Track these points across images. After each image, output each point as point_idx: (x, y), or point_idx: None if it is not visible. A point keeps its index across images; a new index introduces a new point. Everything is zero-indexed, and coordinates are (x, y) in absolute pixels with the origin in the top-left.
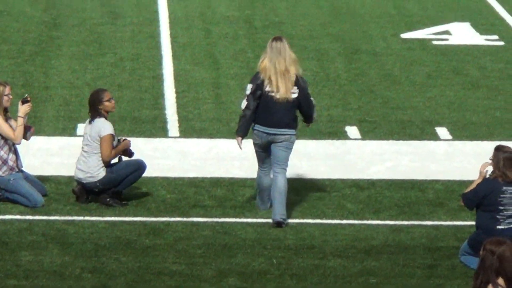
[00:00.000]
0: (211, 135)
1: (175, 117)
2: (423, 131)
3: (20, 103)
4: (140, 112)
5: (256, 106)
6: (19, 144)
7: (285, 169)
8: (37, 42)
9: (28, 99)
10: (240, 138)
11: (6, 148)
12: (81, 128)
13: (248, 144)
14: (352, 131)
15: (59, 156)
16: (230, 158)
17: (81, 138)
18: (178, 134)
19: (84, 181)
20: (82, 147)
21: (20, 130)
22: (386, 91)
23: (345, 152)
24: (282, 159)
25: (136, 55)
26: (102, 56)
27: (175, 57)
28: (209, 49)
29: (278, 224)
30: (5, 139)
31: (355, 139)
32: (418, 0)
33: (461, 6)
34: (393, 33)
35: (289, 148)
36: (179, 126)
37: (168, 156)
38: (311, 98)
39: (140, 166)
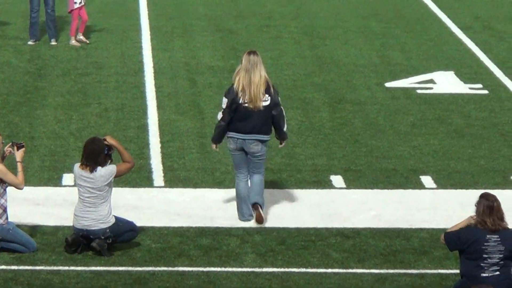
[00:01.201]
0: (196, 185)
1: (160, 167)
2: (408, 180)
3: (15, 148)
4: None
5: (230, 118)
6: (22, 189)
7: (262, 173)
8: (22, 93)
9: (23, 144)
10: (214, 145)
11: (6, 196)
12: (66, 178)
13: (231, 193)
14: (337, 180)
15: (45, 206)
16: (216, 207)
17: (66, 188)
18: (163, 184)
19: (92, 228)
20: (83, 199)
21: (22, 176)
22: (370, 140)
23: (330, 201)
24: (258, 166)
25: (121, 105)
26: (87, 106)
27: (160, 107)
28: (194, 99)
29: (255, 206)
30: (5, 187)
31: (340, 188)
32: (402, 49)
33: (445, 55)
34: (377, 82)
35: (264, 155)
36: (164, 176)
37: (153, 206)
38: (281, 107)
39: (135, 228)
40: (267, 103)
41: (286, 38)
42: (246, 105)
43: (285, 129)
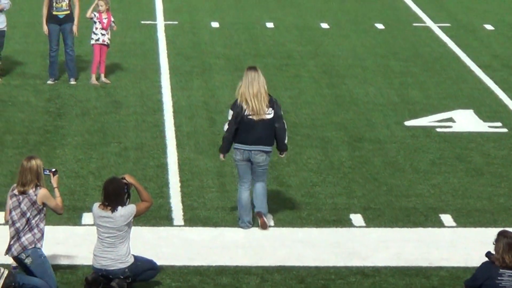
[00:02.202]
0: (215, 224)
1: (180, 206)
2: (427, 218)
3: (51, 174)
4: None
5: (236, 129)
6: (62, 214)
7: (264, 181)
8: (42, 132)
9: (57, 170)
10: (222, 155)
11: (44, 221)
12: (86, 217)
13: (250, 232)
14: (357, 218)
15: (64, 245)
16: (235, 246)
17: (86, 227)
18: (183, 223)
19: (111, 267)
20: (103, 239)
21: (61, 201)
22: (390, 178)
23: (350, 239)
24: (261, 174)
25: (140, 144)
26: (106, 146)
27: (179, 146)
28: (213, 138)
29: (259, 215)
30: (45, 212)
31: (360, 226)
32: (421, 88)
33: (464, 94)
34: (396, 121)
35: (267, 167)
36: (184, 215)
37: (173, 245)
38: (284, 121)
39: (155, 266)
40: (271, 116)
41: (305, 77)
42: (250, 117)
43: (285, 141)
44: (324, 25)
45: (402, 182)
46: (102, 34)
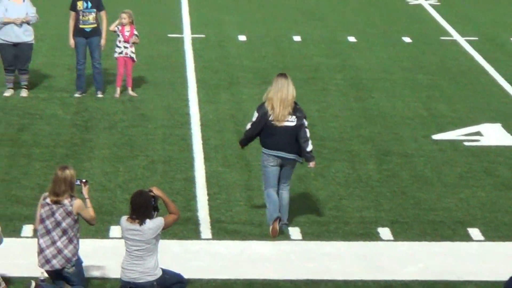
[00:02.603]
0: (243, 237)
1: (207, 219)
2: (455, 232)
3: (82, 185)
4: None
5: (258, 131)
6: (94, 225)
7: (289, 185)
8: (69, 145)
9: (87, 181)
10: (241, 146)
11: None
12: (113, 230)
13: (278, 245)
14: (384, 232)
15: (93, 258)
16: (263, 259)
17: (114, 240)
18: (210, 236)
19: (139, 280)
20: (131, 252)
21: (93, 211)
22: (418, 192)
23: (377, 253)
24: (286, 178)
25: (167, 158)
26: (134, 159)
27: (207, 159)
28: (240, 151)
29: (276, 219)
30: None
31: (387, 240)
32: (448, 101)
33: (492, 108)
34: (424, 134)
35: (293, 169)
36: (211, 228)
37: (201, 258)
38: (306, 129)
39: (183, 280)
40: (293, 123)
41: (332, 90)
42: (273, 122)
43: (308, 149)
44: (352, 39)
45: (429, 196)
46: (125, 47)
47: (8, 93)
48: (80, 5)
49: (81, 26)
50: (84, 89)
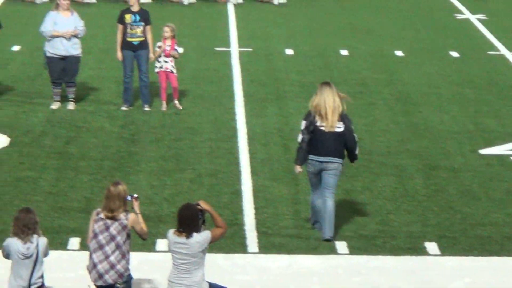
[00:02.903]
0: (290, 251)
1: (254, 233)
2: (503, 247)
3: (133, 200)
4: None
5: (309, 139)
6: (146, 240)
7: (334, 193)
8: (116, 158)
9: (138, 196)
10: (298, 166)
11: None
12: (160, 244)
13: (325, 259)
14: (432, 247)
15: (139, 271)
16: (310, 273)
17: (160, 253)
18: (257, 250)
19: None
20: (178, 265)
21: (146, 226)
22: (465, 207)
23: (425, 268)
24: (331, 185)
25: (214, 171)
26: (181, 172)
27: (253, 173)
28: (287, 165)
29: (327, 241)
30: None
31: (435, 255)
32: (496, 116)
33: None
34: (471, 149)
35: (337, 175)
36: (258, 242)
37: (247, 272)
38: (354, 134)
39: None
40: (341, 129)
41: (379, 104)
42: (322, 128)
43: (356, 152)
44: (399, 53)
45: (477, 211)
46: (165, 61)
47: (55, 106)
48: (128, 18)
49: (128, 39)
50: (131, 102)
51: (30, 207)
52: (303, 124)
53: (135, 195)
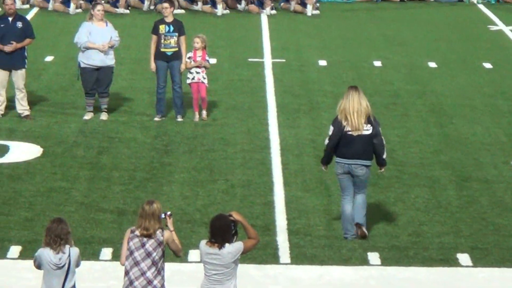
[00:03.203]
0: (322, 262)
1: (287, 244)
2: None
3: (167, 218)
4: None
5: (336, 143)
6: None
7: (365, 193)
8: (148, 169)
9: (171, 213)
10: (324, 166)
11: None
12: (192, 254)
13: (357, 270)
14: (464, 258)
15: (171, 282)
16: (342, 284)
17: (192, 264)
18: (289, 261)
19: None
20: (209, 276)
21: (180, 244)
22: (497, 218)
23: (457, 279)
24: (362, 187)
25: (247, 182)
26: (213, 183)
27: (286, 184)
28: (320, 176)
29: (358, 226)
30: None
31: (467, 266)
32: None
33: None
34: (504, 160)
35: (367, 178)
36: (291, 253)
37: (279, 283)
38: (382, 137)
39: None
40: (369, 132)
41: (412, 116)
42: (350, 132)
43: (384, 156)
44: (432, 64)
45: (509, 222)
46: (197, 72)
47: (88, 116)
48: (162, 28)
49: (162, 49)
50: (164, 113)
51: (62, 217)
52: (331, 129)
53: (169, 213)
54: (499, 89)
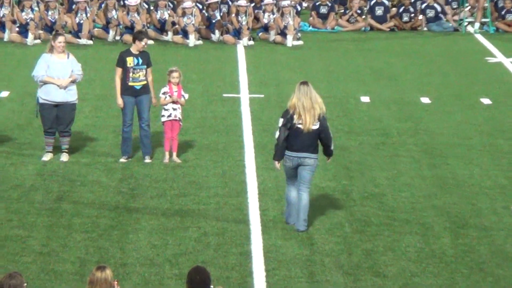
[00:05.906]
0: None
1: None
2: None
3: (115, 285)
4: None
5: (286, 135)
6: None
7: (309, 188)
8: (113, 215)
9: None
10: (276, 162)
11: None
12: None
13: None
14: None
15: None
16: None
17: None
18: None
19: None
20: None
21: None
22: (497, 268)
23: None
24: (307, 180)
25: (221, 230)
26: (185, 230)
27: (264, 231)
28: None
29: (301, 232)
30: None
31: None
32: None
33: None
34: (504, 205)
35: (313, 171)
36: None
37: None
38: (329, 131)
39: None
40: (316, 127)
41: (403, 156)
42: (299, 126)
43: (332, 147)
44: (425, 100)
45: (510, 273)
46: (173, 109)
47: (46, 157)
48: (130, 61)
49: (130, 83)
50: (130, 154)
51: (16, 272)
52: (281, 121)
53: (115, 281)
54: (499, 127)
